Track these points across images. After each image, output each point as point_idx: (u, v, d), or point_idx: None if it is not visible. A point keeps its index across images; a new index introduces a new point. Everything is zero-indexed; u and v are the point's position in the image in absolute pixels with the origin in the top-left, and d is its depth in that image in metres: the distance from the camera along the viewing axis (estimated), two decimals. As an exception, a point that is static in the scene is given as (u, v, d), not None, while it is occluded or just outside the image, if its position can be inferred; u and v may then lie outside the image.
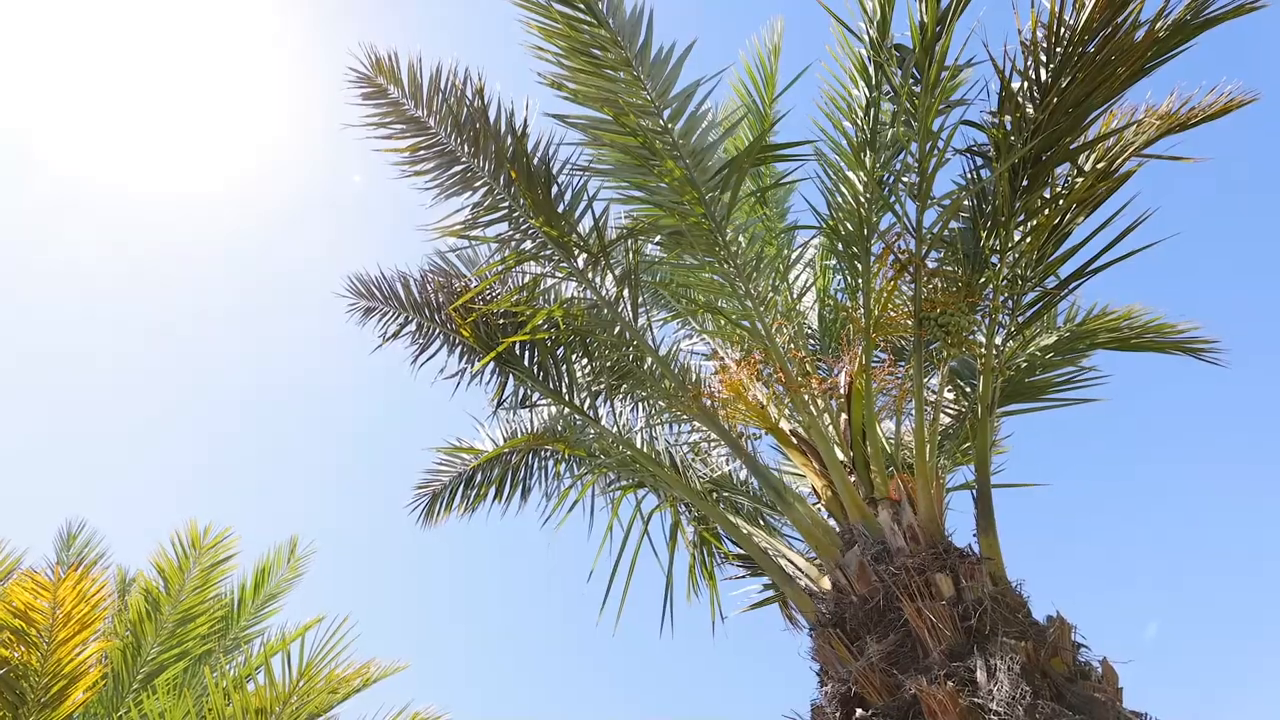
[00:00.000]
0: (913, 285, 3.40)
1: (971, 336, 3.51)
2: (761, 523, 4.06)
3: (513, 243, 4.29)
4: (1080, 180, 3.93)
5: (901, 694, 2.20)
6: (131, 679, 5.36)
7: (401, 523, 6.04)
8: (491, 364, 4.82)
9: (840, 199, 3.79)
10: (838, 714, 2.36)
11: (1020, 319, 3.88)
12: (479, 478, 5.84)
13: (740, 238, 3.87)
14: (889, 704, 2.22)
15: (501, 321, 4.63)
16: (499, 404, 4.75)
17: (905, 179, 3.67)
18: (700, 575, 4.60)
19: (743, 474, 4.45)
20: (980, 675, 2.12)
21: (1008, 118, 3.61)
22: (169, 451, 12.71)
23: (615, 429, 4.23)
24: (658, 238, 3.88)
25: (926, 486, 2.89)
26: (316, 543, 6.69)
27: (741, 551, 4.30)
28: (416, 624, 12.43)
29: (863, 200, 3.62)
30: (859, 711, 2.28)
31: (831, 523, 3.12)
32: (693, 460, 4.44)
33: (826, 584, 2.84)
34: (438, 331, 5.10)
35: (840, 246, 3.73)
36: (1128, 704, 2.17)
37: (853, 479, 3.25)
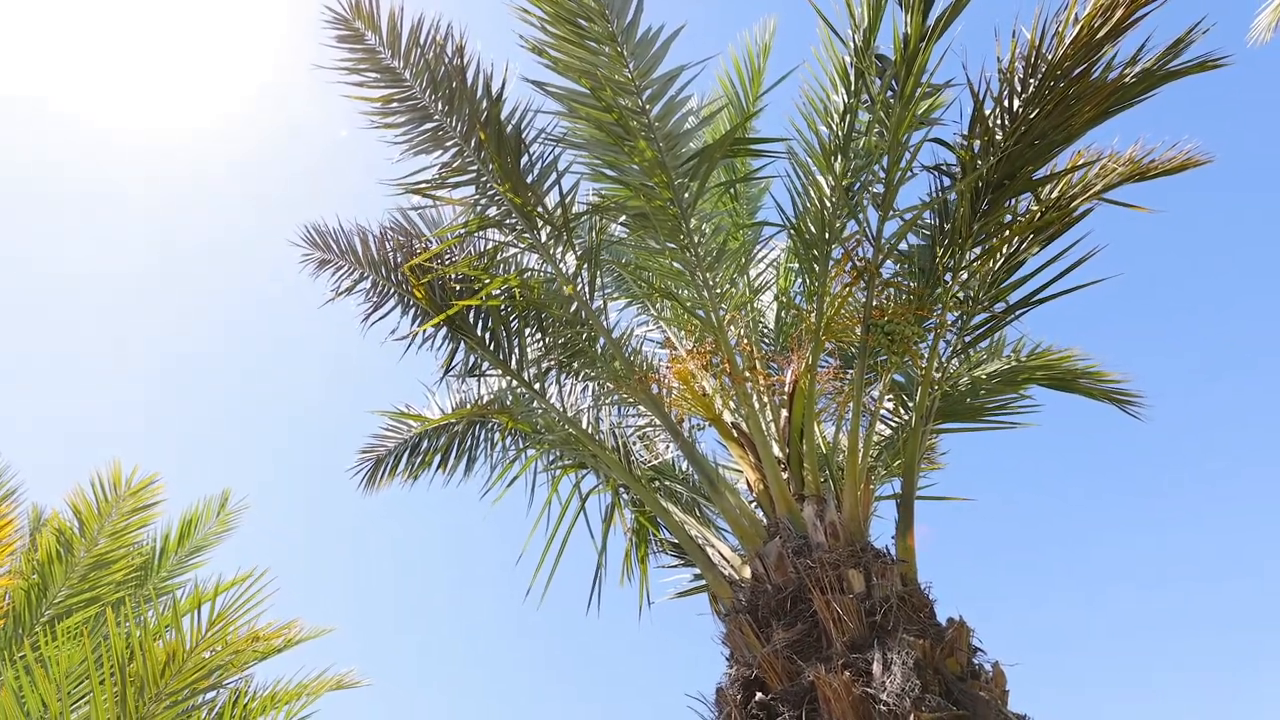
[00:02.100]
0: (867, 293, 3.45)
1: (917, 348, 3.57)
2: (697, 514, 4.08)
3: (478, 207, 4.22)
4: (1039, 212, 4.05)
5: (800, 680, 2.25)
6: (34, 621, 5.10)
7: (346, 490, 5.89)
8: (443, 330, 4.73)
9: (807, 201, 3.82)
10: (739, 697, 2.40)
11: (967, 339, 3.98)
12: (425, 445, 5.73)
13: (705, 227, 3.87)
14: (787, 689, 2.26)
15: (458, 288, 4.54)
16: (447, 370, 4.67)
17: (872, 189, 3.72)
18: (635, 561, 4.61)
19: (684, 464, 4.46)
20: (876, 667, 2.17)
21: (976, 141, 3.69)
22: (110, 395, 12.19)
23: (561, 407, 4.20)
24: (623, 218, 3.85)
25: (854, 488, 2.94)
26: (250, 499, 6.46)
27: (676, 540, 4.32)
28: (353, 592, 12.18)
29: (828, 204, 3.66)
30: (759, 695, 2.32)
31: (760, 515, 3.15)
32: (638, 447, 4.43)
33: (748, 573, 2.87)
34: (392, 291, 4.98)
35: (801, 248, 3.76)
36: (1018, 708, 2.25)
37: (786, 475, 3.28)
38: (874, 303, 3.44)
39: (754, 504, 3.36)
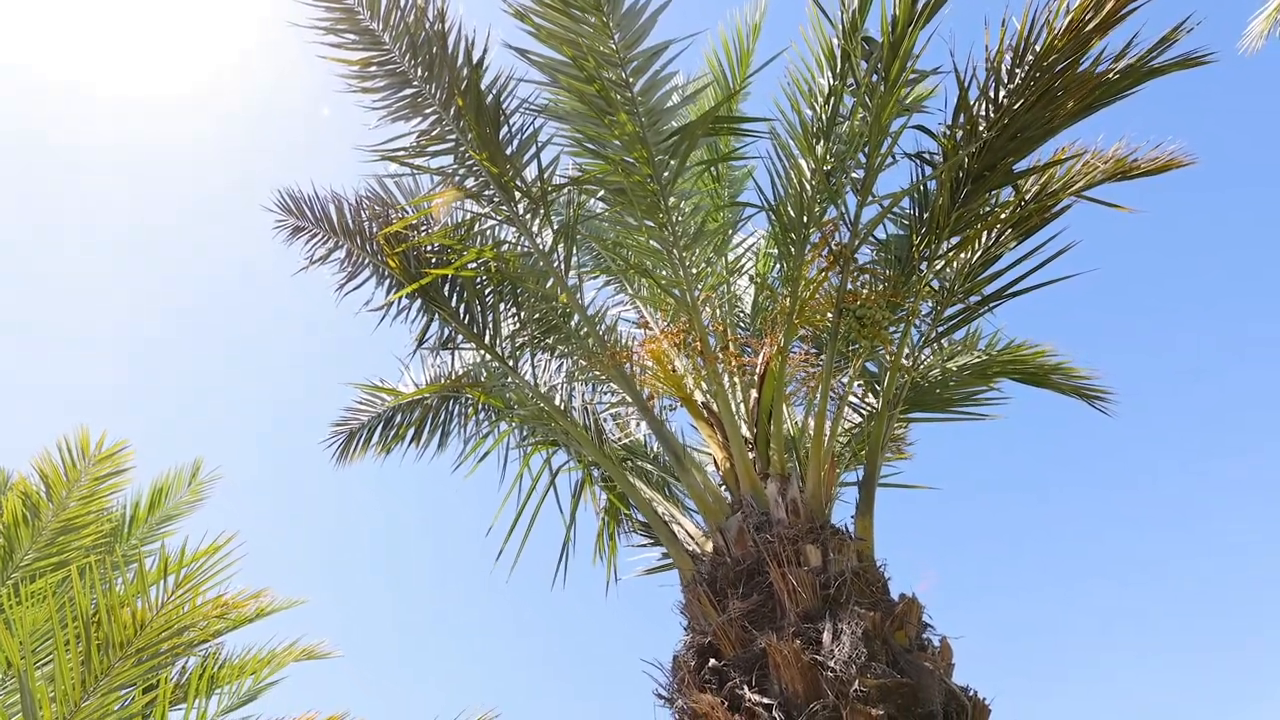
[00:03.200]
0: (841, 277, 3.44)
1: (888, 333, 3.58)
2: (666, 493, 4.09)
3: (455, 178, 4.15)
4: (1017, 202, 4.05)
5: (753, 648, 2.28)
6: (0, 583, 5.01)
7: (320, 463, 5.83)
8: (418, 303, 4.67)
9: (787, 184, 3.80)
10: (693, 663, 2.43)
11: (940, 329, 4.00)
12: (399, 419, 5.69)
13: (684, 205, 3.83)
14: (740, 656, 2.30)
15: (433, 260, 4.48)
16: (421, 343, 4.61)
17: (852, 174, 3.71)
18: (605, 539, 4.61)
19: (655, 445, 4.46)
20: (826, 637, 2.20)
21: (959, 131, 3.68)
22: (81, 364, 11.94)
23: (534, 382, 4.16)
24: (601, 193, 3.80)
25: (818, 468, 2.95)
26: (223, 471, 6.36)
27: (645, 520, 4.32)
28: (328, 566, 12.11)
29: (808, 187, 3.64)
30: (712, 662, 2.35)
31: (725, 493, 3.16)
32: (610, 426, 4.42)
33: (710, 548, 2.88)
34: (367, 261, 4.90)
35: (779, 231, 3.74)
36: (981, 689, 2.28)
37: (753, 456, 3.29)
38: (848, 287, 3.43)
39: (721, 484, 3.36)
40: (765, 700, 2.17)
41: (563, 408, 4.15)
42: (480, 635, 12.86)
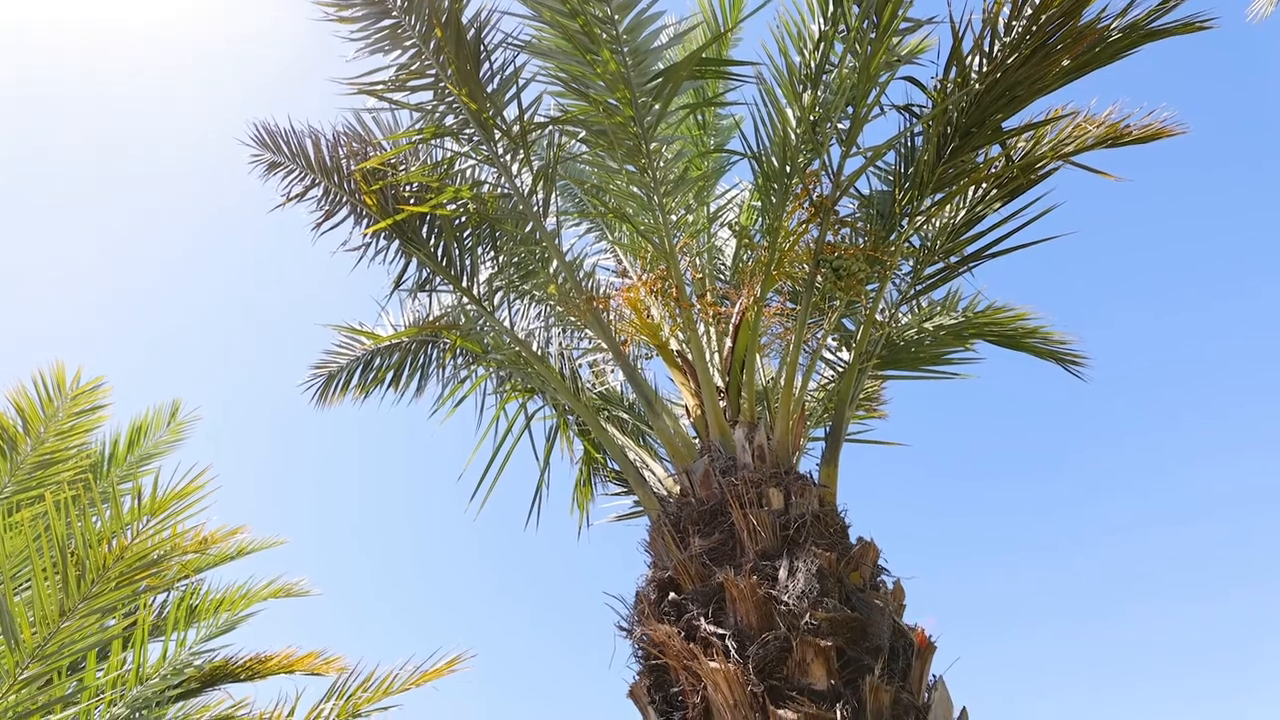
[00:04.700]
0: (820, 228, 3.42)
1: (863, 286, 3.58)
2: (641, 442, 4.13)
3: (435, 114, 4.04)
4: (1004, 158, 4.02)
5: (711, 582, 2.35)
6: (-22, 514, 5.01)
7: (301, 406, 5.81)
8: (396, 243, 4.60)
9: (772, 131, 3.73)
10: (653, 596, 2.50)
11: (918, 287, 4.01)
12: (378, 362, 5.67)
13: (666, 151, 3.77)
14: (699, 590, 2.37)
15: (412, 200, 4.40)
16: (398, 284, 4.57)
17: (838, 124, 3.65)
18: (579, 486, 4.68)
19: (631, 395, 4.49)
20: (782, 573, 2.28)
21: (950, 85, 3.62)
22: (58, 303, 11.72)
23: (511, 326, 4.15)
24: (582, 134, 3.72)
25: (786, 416, 2.99)
26: (202, 412, 6.34)
27: (619, 469, 4.38)
28: (311, 510, 12.23)
29: (793, 136, 3.58)
30: (672, 595, 2.42)
31: (695, 439, 3.19)
32: (586, 374, 4.44)
33: (678, 491, 2.93)
34: (345, 200, 4.80)
35: (762, 180, 3.69)
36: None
37: (724, 404, 3.32)
38: (828, 240, 3.41)
39: (692, 431, 3.40)
40: (720, 631, 2.25)
41: (539, 353, 4.14)
42: (457, 579, 13.14)
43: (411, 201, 4.30)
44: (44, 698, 2.91)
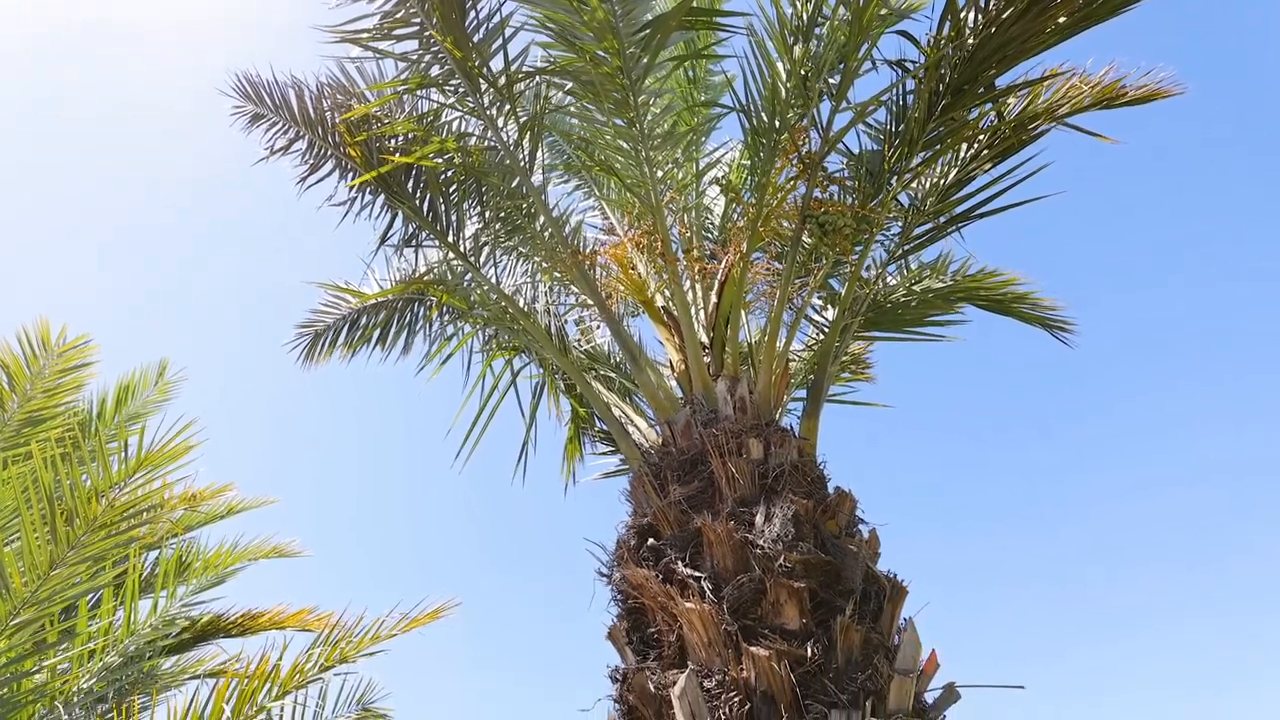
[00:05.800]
0: (808, 184, 3.39)
1: (849, 243, 3.57)
2: (629, 400, 4.16)
3: (421, 64, 3.95)
4: (998, 124, 3.97)
5: (689, 527, 2.39)
6: (-34, 470, 5.02)
7: (288, 365, 5.78)
8: (381, 199, 4.54)
9: (762, 85, 3.67)
10: (633, 542, 2.55)
11: (906, 247, 4.00)
12: (364, 320, 5.64)
13: (654, 104, 3.71)
14: (677, 535, 2.42)
15: (396, 153, 4.33)
16: (384, 240, 4.52)
17: (829, 80, 3.59)
18: (566, 443, 4.72)
19: (617, 353, 4.50)
20: (759, 519, 2.32)
21: (944, 40, 3.55)
22: (45, 264, 11.55)
23: (497, 282, 4.13)
24: (569, 86, 3.65)
25: (769, 371, 3.01)
26: (188, 373, 6.31)
27: (606, 428, 4.42)
28: (303, 469, 12.29)
29: (783, 90, 3.52)
30: (651, 540, 2.47)
31: (678, 391, 3.21)
32: (574, 333, 4.43)
33: (660, 442, 2.96)
34: (330, 154, 4.72)
35: (750, 135, 3.64)
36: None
37: (708, 359, 3.33)
38: (816, 196, 3.39)
39: (672, 380, 3.42)
40: (696, 573, 2.30)
41: (526, 310, 4.13)
42: (446, 534, 13.29)
43: (397, 155, 4.24)
44: (36, 643, 2.95)
